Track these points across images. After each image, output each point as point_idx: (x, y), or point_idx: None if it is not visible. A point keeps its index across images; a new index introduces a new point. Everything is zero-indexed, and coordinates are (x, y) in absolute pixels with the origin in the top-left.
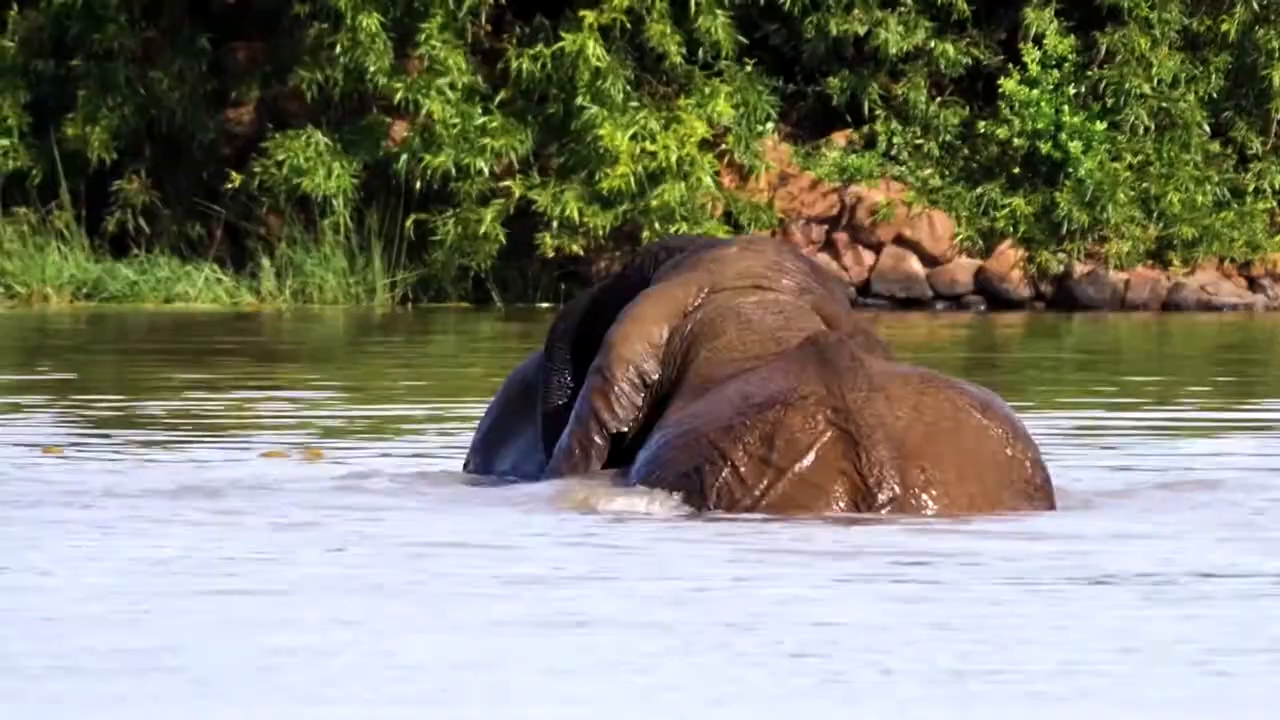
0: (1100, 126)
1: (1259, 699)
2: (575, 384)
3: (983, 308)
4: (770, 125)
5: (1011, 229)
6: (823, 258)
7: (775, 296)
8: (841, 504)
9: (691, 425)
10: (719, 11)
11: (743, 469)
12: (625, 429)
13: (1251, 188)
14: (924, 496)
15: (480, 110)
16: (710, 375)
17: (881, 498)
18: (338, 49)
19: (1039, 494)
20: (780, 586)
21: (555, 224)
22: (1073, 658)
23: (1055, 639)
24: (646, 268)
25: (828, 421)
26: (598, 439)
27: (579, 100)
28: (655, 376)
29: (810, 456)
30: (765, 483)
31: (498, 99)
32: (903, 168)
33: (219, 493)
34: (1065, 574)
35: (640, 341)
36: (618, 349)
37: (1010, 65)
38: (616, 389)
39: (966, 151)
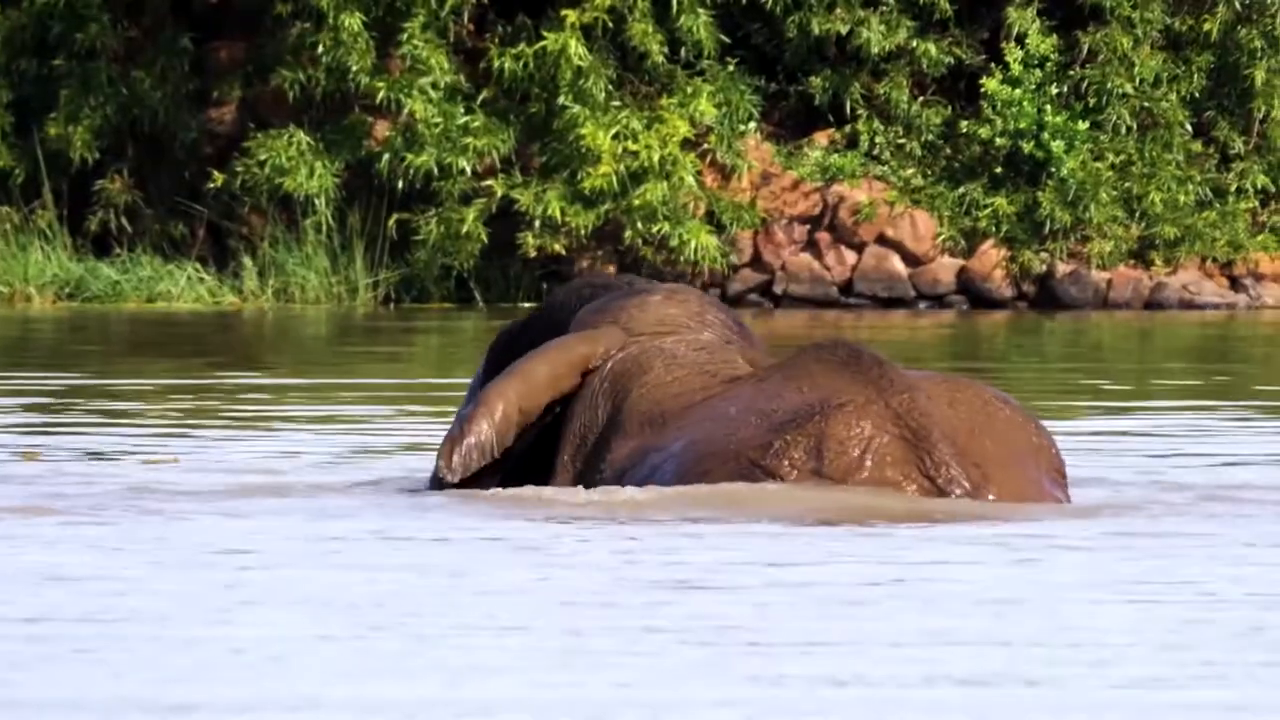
0: (1082, 126)
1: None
2: None
3: (965, 307)
4: (752, 124)
5: (994, 229)
6: (805, 258)
7: (695, 337)
8: None
9: (711, 450)
10: (701, 11)
11: (792, 485)
12: (455, 483)
13: (1233, 187)
14: (987, 489)
15: (462, 109)
16: (657, 406)
17: (955, 494)
18: (320, 48)
19: (1062, 478)
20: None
21: (537, 223)
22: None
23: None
24: (571, 304)
25: (877, 428)
26: (437, 482)
27: (561, 99)
28: (508, 445)
29: (868, 464)
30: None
31: (480, 98)
32: (885, 167)
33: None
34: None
35: (511, 405)
36: (485, 405)
37: (992, 65)
38: (464, 445)
39: (949, 151)
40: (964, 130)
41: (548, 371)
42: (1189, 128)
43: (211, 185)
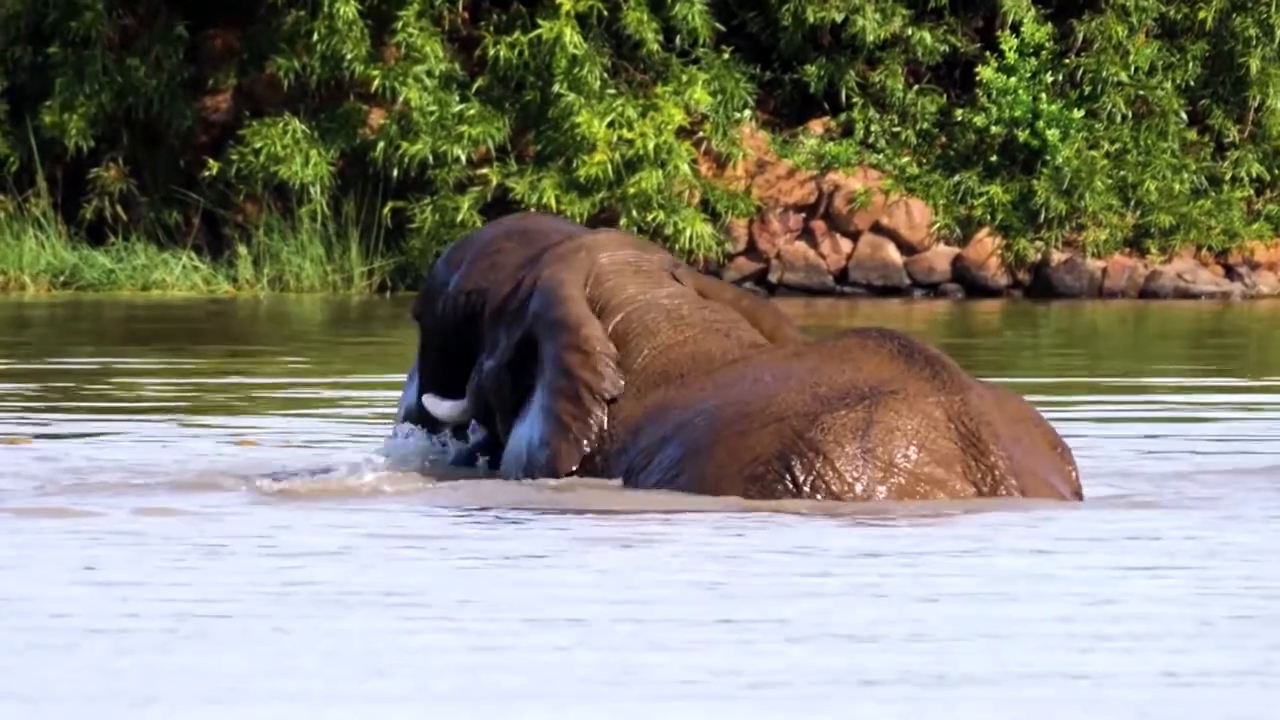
0: (1077, 114)
1: None
2: (453, 376)
3: (960, 296)
4: (747, 113)
5: (989, 217)
6: (800, 246)
7: (678, 288)
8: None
9: (749, 411)
10: None
11: (839, 462)
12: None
13: (1229, 176)
14: (1030, 493)
15: (457, 98)
16: (674, 365)
17: (1002, 493)
18: (315, 36)
19: (1080, 499)
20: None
21: (532, 211)
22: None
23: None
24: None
25: (930, 420)
26: (596, 410)
27: (556, 88)
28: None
29: (915, 456)
30: (866, 479)
31: (475, 86)
32: (880, 155)
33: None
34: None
35: (585, 310)
36: (571, 323)
37: (987, 53)
38: (597, 356)
39: (944, 139)
40: (959, 118)
41: (576, 310)
42: (1184, 116)
43: (206, 173)
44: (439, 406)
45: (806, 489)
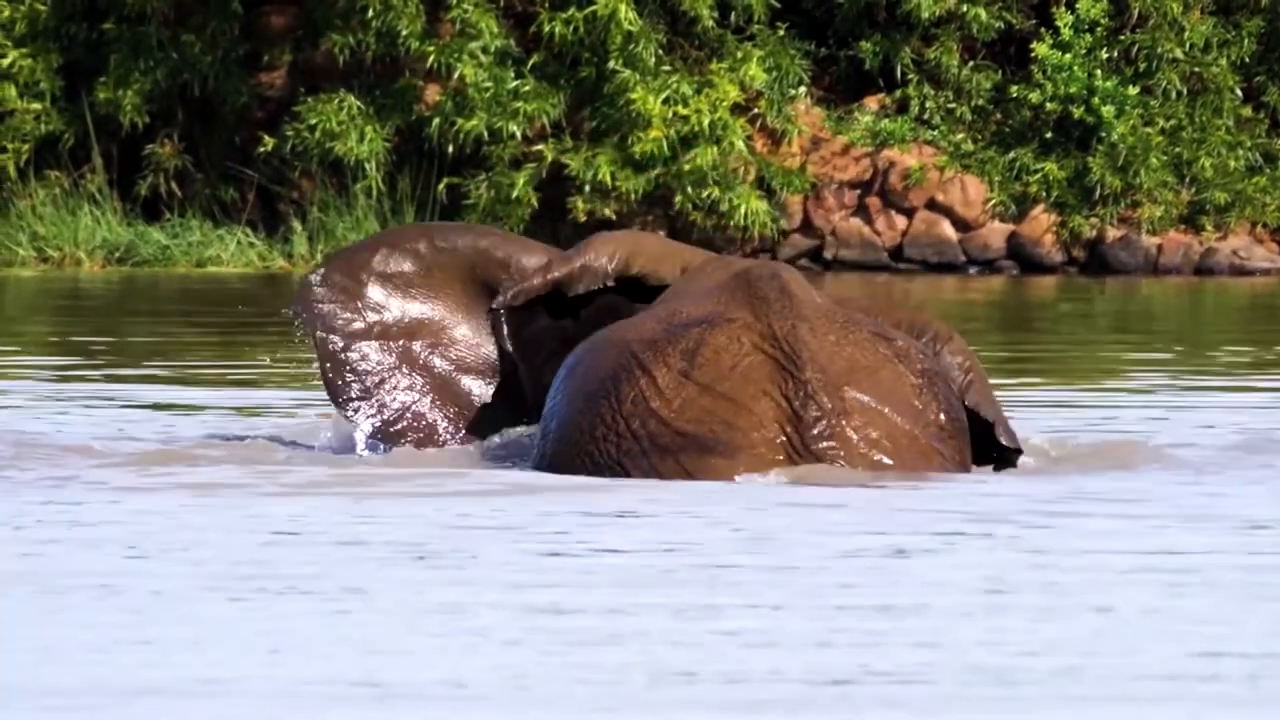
0: (1132, 91)
1: None
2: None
3: (1015, 272)
4: (802, 89)
5: (1044, 194)
6: (855, 223)
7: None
8: (766, 424)
9: (613, 336)
10: None
11: (660, 380)
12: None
13: None
14: (844, 421)
15: (513, 74)
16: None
17: (807, 420)
18: (370, 12)
19: (949, 444)
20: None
21: (587, 188)
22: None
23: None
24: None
25: (754, 345)
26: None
27: (611, 64)
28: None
29: (734, 375)
30: (683, 396)
31: (530, 63)
32: (935, 132)
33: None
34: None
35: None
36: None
37: (1042, 29)
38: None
39: (999, 116)
40: (1014, 95)
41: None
42: (1239, 92)
43: (261, 150)
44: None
45: (629, 404)
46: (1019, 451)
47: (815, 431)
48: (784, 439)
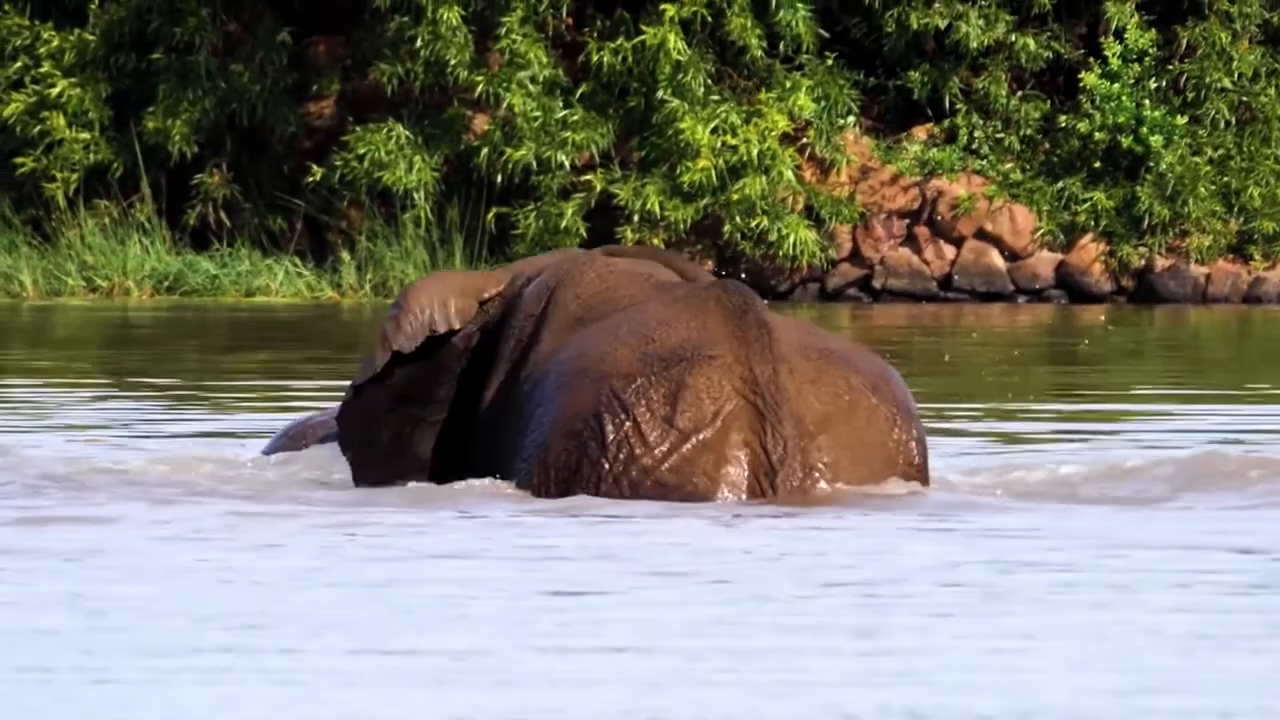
0: (1181, 120)
1: None
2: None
3: (1064, 302)
4: (851, 119)
5: (1092, 223)
6: (904, 252)
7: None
8: (743, 475)
9: (587, 365)
10: (800, 5)
11: (643, 424)
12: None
13: None
14: (817, 477)
15: (561, 104)
16: (584, 308)
17: (783, 474)
18: (418, 42)
19: (919, 475)
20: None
21: (636, 217)
22: None
23: None
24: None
25: (735, 390)
26: (380, 352)
27: (660, 94)
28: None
29: (716, 424)
30: (668, 444)
31: (579, 92)
32: (984, 161)
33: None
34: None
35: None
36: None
37: (1091, 59)
38: (408, 321)
39: (1047, 145)
40: (1062, 124)
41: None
42: None
43: (310, 179)
44: None
45: (613, 448)
46: None
47: (791, 486)
48: (760, 489)
